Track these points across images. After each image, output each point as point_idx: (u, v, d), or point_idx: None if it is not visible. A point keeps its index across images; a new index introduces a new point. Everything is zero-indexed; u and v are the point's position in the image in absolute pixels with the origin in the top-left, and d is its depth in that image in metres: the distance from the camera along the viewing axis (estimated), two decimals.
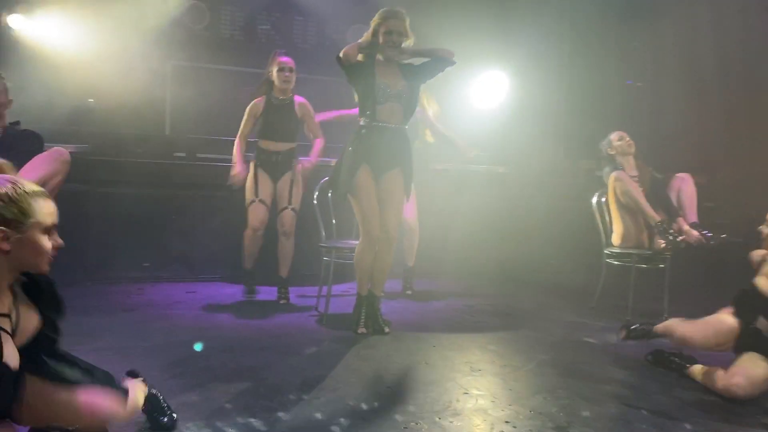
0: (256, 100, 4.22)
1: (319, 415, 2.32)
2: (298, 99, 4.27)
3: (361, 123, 3.51)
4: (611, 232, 4.31)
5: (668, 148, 6.11)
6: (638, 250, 4.16)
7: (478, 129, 6.11)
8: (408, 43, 3.54)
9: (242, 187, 4.28)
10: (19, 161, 3.02)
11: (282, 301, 4.24)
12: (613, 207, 4.22)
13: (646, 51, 7.09)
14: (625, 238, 4.20)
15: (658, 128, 6.54)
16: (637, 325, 3.30)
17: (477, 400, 2.55)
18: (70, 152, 4.86)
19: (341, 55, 3.39)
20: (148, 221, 4.88)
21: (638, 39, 7.00)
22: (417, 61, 3.59)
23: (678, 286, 4.23)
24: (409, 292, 4.68)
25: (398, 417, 2.35)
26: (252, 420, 2.25)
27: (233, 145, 4.27)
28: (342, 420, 2.28)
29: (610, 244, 4.32)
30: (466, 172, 5.71)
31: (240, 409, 2.35)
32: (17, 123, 3.25)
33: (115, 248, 4.80)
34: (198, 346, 3.07)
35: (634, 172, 4.33)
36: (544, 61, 6.85)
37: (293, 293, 4.38)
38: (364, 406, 2.42)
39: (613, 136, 4.42)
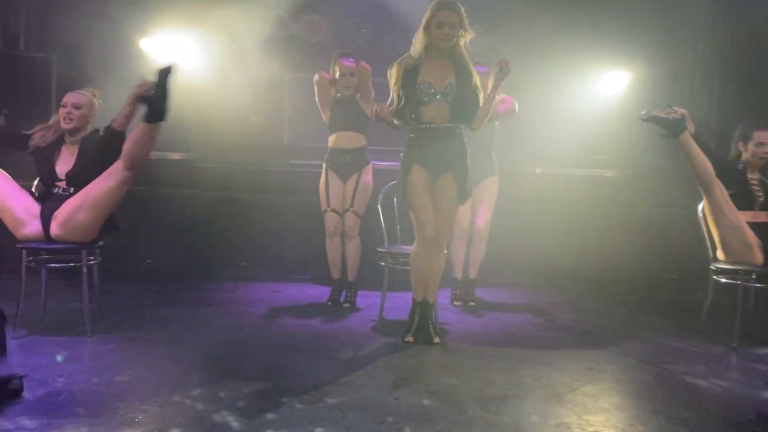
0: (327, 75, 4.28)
1: (305, 421, 2.28)
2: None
3: (410, 126, 3.41)
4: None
5: None
6: (748, 266, 3.54)
7: (590, 131, 5.69)
8: (466, 37, 3.36)
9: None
10: (92, 165, 3.38)
11: (345, 305, 4.23)
12: (709, 217, 3.64)
13: None
14: (729, 252, 3.59)
15: None
16: None
17: (476, 427, 2.32)
18: (177, 159, 5.37)
19: (397, 124, 3.43)
20: (247, 223, 5.18)
21: None
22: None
23: None
24: (471, 303, 4.40)
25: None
26: (235, 421, 2.28)
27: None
28: (324, 429, 2.22)
29: (716, 259, 3.73)
30: (568, 176, 5.30)
31: (232, 409, 2.39)
32: (97, 131, 3.60)
33: (217, 247, 5.17)
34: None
35: (756, 175, 3.71)
36: (689, 54, 6.16)
37: (370, 297, 4.36)
38: (356, 417, 2.34)
39: (759, 136, 3.69)
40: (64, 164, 3.45)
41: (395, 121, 3.43)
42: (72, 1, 5.93)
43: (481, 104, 3.38)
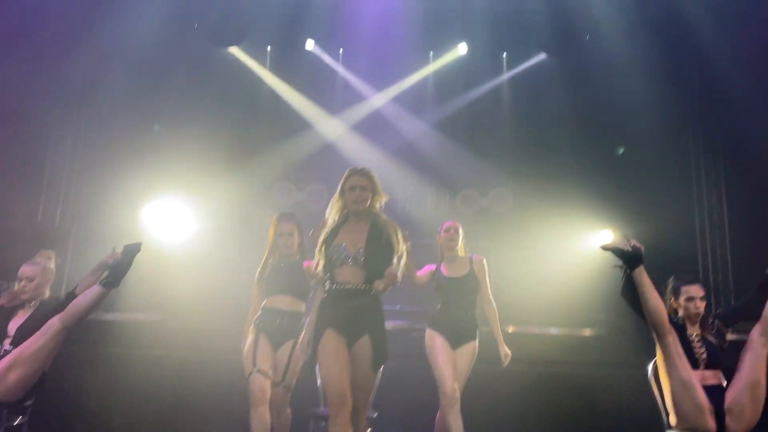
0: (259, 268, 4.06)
1: None
2: (307, 263, 3.99)
3: (325, 288, 3.35)
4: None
5: None
6: None
7: (572, 289, 5.60)
8: (380, 201, 3.46)
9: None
10: (41, 326, 3.55)
11: None
12: (661, 369, 3.40)
13: None
14: (681, 416, 3.29)
15: None
16: None
17: None
18: (156, 321, 5.53)
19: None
20: (217, 385, 5.16)
21: None
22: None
23: None
24: None
25: None
26: None
27: None
28: None
29: (669, 426, 3.41)
30: (543, 335, 5.11)
31: None
32: (56, 298, 3.80)
33: (185, 411, 5.12)
34: None
35: (695, 330, 3.50)
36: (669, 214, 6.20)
37: None
38: None
39: (687, 290, 3.56)
40: (16, 322, 3.64)
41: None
42: (90, 179, 6.62)
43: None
